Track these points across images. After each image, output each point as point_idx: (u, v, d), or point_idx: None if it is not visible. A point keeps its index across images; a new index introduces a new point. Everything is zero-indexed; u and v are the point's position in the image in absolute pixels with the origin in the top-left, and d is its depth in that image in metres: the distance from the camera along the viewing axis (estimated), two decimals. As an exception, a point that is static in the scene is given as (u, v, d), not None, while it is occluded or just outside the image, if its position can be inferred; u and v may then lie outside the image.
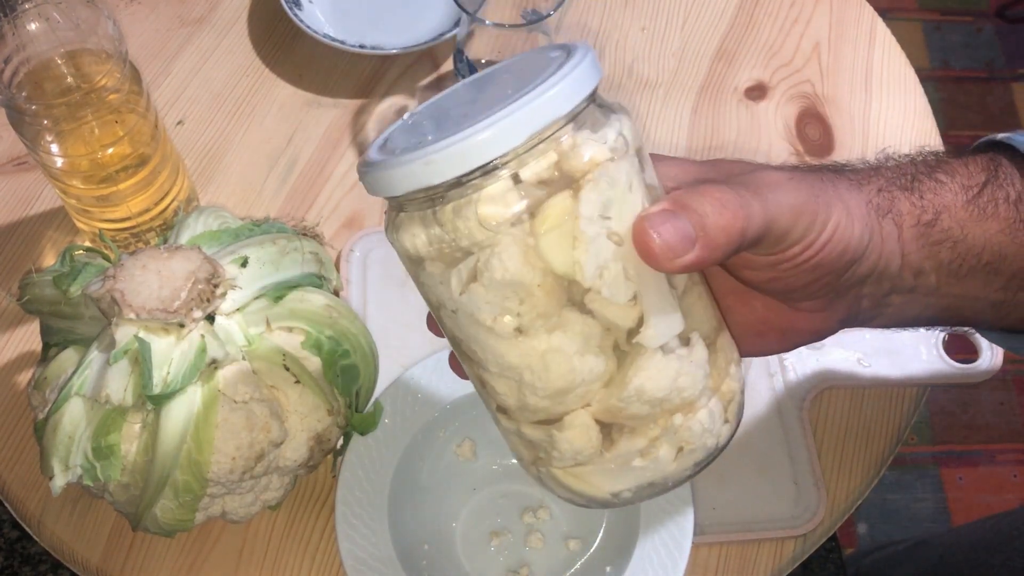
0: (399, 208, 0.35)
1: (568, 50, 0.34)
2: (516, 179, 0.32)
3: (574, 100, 0.32)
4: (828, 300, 0.40)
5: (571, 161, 0.32)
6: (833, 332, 0.42)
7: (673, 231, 0.33)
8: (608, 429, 0.36)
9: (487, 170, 0.32)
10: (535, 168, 0.32)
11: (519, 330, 0.34)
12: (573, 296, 0.33)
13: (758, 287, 0.40)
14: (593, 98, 0.34)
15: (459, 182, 0.32)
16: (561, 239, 0.32)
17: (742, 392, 0.39)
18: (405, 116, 0.39)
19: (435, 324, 0.40)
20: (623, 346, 0.35)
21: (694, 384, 0.36)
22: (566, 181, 0.32)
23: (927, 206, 0.41)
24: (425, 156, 0.31)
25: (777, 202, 0.36)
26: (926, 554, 0.99)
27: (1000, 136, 0.45)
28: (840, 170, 0.42)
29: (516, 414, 0.37)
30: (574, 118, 0.33)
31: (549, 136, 0.32)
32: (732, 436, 0.39)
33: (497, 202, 0.32)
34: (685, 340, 0.36)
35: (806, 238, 0.36)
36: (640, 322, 0.34)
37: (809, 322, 0.41)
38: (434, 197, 0.33)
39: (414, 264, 0.36)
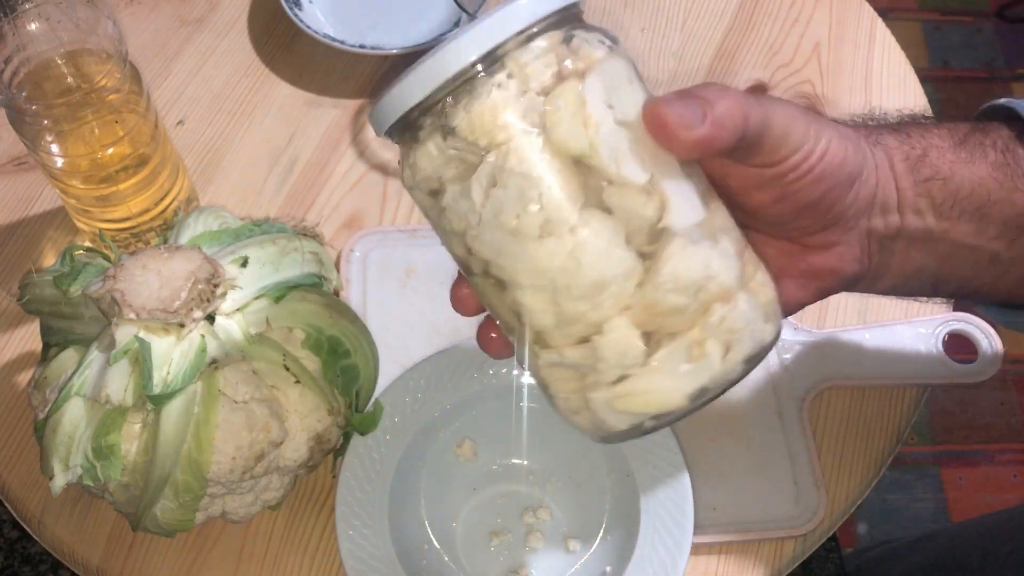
0: (414, 139, 0.36)
1: None
2: (523, 83, 0.34)
3: None
4: (839, 232, 0.40)
5: (569, 63, 0.34)
6: (851, 276, 0.42)
7: (684, 106, 0.35)
8: (648, 338, 0.36)
9: (494, 60, 0.34)
10: (536, 70, 0.34)
11: (546, 230, 0.35)
12: (592, 195, 0.35)
13: (769, 218, 0.40)
14: (581, 19, 0.36)
15: (469, 82, 0.34)
16: (573, 125, 0.34)
17: (776, 300, 0.39)
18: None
19: (460, 297, 0.40)
20: (646, 249, 0.35)
21: (728, 269, 0.36)
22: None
23: (915, 144, 0.43)
24: (433, 56, 0.34)
25: (773, 106, 0.38)
26: (932, 545, 0.99)
27: (998, 101, 0.47)
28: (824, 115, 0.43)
29: (555, 336, 0.37)
30: (566, 24, 0.35)
31: (547, 28, 0.34)
32: (777, 337, 0.39)
33: (508, 99, 0.34)
34: (712, 236, 0.36)
35: (804, 146, 0.38)
36: (662, 212, 0.35)
37: (823, 260, 0.41)
38: (446, 105, 0.35)
39: (435, 196, 0.37)
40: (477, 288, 0.39)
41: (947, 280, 0.45)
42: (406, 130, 0.36)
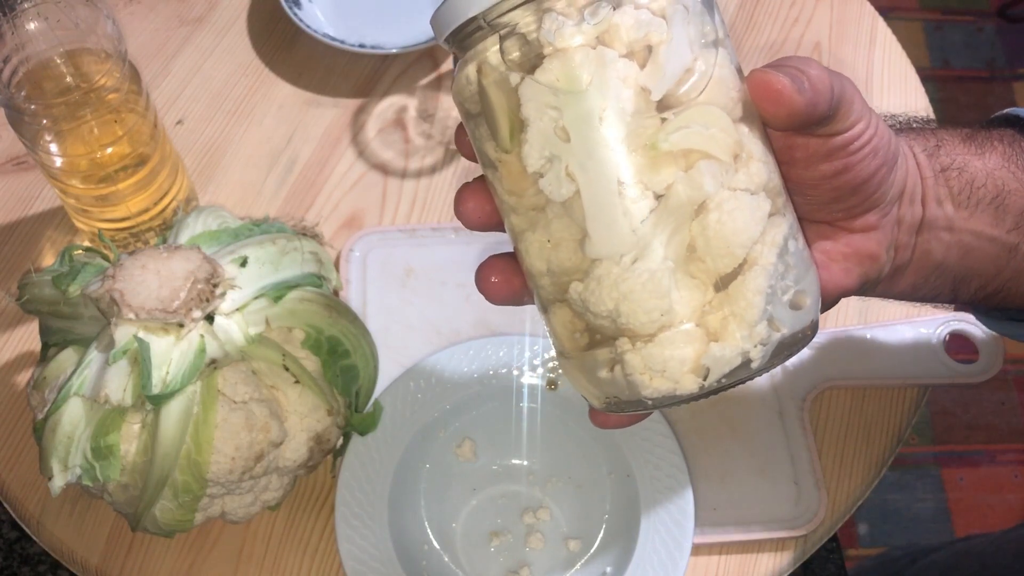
0: (470, 48, 0.34)
1: None
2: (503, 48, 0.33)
3: None
4: (878, 215, 0.41)
5: (536, 46, 0.32)
6: (883, 266, 0.42)
7: (788, 74, 0.35)
8: (592, 331, 0.34)
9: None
10: (510, 51, 0.33)
11: (522, 222, 0.35)
12: None
13: (826, 195, 0.40)
14: None
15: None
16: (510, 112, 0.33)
17: (766, 342, 0.33)
18: None
19: (467, 210, 0.39)
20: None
21: (647, 310, 0.32)
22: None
23: (928, 137, 0.44)
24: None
25: (840, 75, 0.38)
26: (968, 563, 0.97)
27: (1001, 112, 0.48)
28: None
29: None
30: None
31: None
32: (708, 388, 0.33)
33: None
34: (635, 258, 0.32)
35: (865, 115, 0.38)
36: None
37: (865, 243, 0.41)
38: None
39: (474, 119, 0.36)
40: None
41: (968, 278, 0.45)
42: (467, 38, 0.34)
